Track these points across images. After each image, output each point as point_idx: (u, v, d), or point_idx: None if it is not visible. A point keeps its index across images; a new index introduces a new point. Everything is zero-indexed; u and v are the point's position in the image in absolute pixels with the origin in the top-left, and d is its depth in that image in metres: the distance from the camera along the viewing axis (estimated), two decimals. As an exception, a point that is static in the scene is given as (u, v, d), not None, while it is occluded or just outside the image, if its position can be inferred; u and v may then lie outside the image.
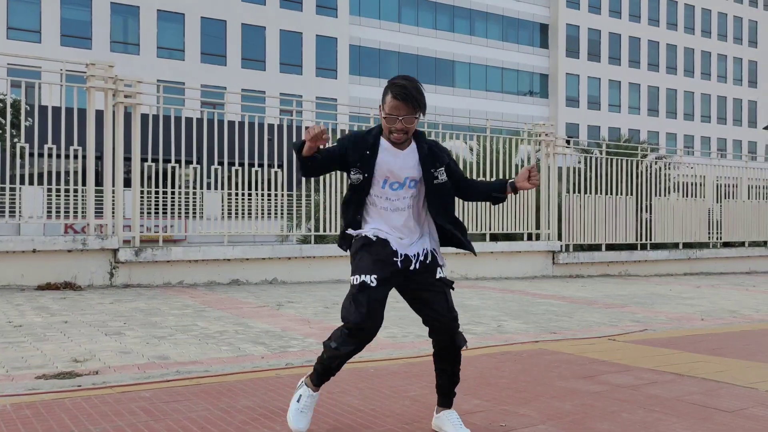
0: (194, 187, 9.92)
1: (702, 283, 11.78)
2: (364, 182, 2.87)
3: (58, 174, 8.79)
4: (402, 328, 5.97)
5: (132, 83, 9.17)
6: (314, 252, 10.17)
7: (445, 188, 2.92)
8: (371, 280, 2.75)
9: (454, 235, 2.94)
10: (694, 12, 56.81)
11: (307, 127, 2.69)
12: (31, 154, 8.82)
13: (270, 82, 38.71)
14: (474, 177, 11.80)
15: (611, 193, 13.30)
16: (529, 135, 12.68)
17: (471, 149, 12.76)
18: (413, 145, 2.90)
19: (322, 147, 2.77)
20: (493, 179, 11.89)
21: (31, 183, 8.68)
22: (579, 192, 12.91)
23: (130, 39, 36.59)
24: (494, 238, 12.05)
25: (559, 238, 12.57)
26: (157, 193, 9.82)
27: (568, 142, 13.83)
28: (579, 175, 13.08)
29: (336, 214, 10.45)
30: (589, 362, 4.61)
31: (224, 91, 11.81)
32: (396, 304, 7.70)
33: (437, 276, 2.89)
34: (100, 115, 9.08)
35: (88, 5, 35.51)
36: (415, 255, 2.87)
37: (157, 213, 9.98)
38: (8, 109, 9.91)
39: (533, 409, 3.42)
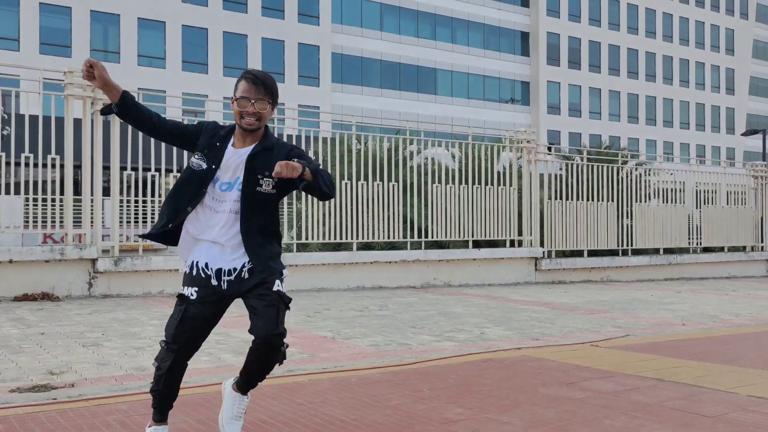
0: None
1: (683, 288, 11.87)
2: (205, 172, 2.73)
3: (36, 183, 8.66)
4: (385, 336, 5.94)
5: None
6: (297, 260, 10.11)
7: (266, 200, 2.74)
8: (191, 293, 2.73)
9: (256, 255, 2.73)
10: (673, 20, 57.58)
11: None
12: (8, 163, 8.67)
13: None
14: (456, 184, 11.79)
15: (592, 200, 13.38)
16: (510, 142, 12.73)
17: (453, 156, 12.78)
18: (253, 147, 2.78)
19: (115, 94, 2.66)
20: (475, 186, 11.80)
21: (8, 192, 8.54)
22: (561, 198, 12.98)
23: (110, 47, 36.30)
24: (477, 244, 12.06)
25: (542, 244, 12.62)
26: (136, 201, 9.71)
27: (549, 149, 13.92)
28: (560, 181, 13.16)
29: (319, 222, 10.40)
30: (572, 369, 4.61)
31: (206, 99, 11.74)
32: (378, 312, 7.68)
33: (274, 287, 2.71)
34: (78, 123, 8.97)
35: (68, 13, 35.19)
36: (243, 265, 2.74)
37: (137, 222, 9.85)
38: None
39: (516, 416, 3.40)
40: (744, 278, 15.16)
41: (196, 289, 2.73)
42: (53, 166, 8.68)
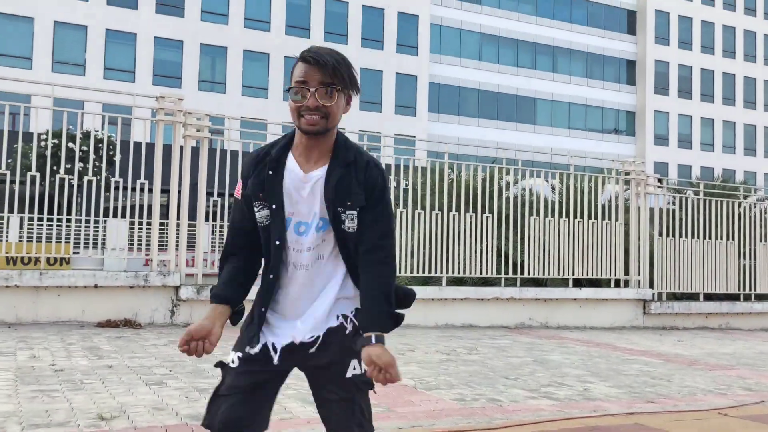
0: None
1: (818, 342, 10.41)
2: (274, 216, 1.94)
3: (133, 207, 8.66)
4: (473, 388, 5.28)
5: (201, 116, 9.00)
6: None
7: (353, 238, 1.97)
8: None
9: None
10: (795, 46, 53.74)
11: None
12: (116, 188, 8.72)
13: (350, 120, 38.98)
14: (556, 217, 10.94)
15: (709, 238, 12.13)
16: (616, 173, 11.76)
17: (552, 188, 11.95)
18: (329, 164, 1.97)
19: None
20: (576, 219, 10.76)
21: (106, 216, 8.56)
22: (672, 235, 11.83)
23: (217, 78, 37.84)
24: (578, 283, 11.12)
25: (651, 285, 11.49)
26: (221, 227, 9.57)
27: (660, 181, 12.80)
28: (672, 217, 12.01)
29: (407, 254, 9.87)
30: (699, 447, 3.79)
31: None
32: (467, 356, 7.01)
33: (347, 374, 1.98)
34: (168, 148, 8.93)
35: (179, 47, 37.03)
36: (311, 338, 2.01)
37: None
38: (105, 144, 10.17)
39: None
40: None
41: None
42: (145, 190, 8.65)
